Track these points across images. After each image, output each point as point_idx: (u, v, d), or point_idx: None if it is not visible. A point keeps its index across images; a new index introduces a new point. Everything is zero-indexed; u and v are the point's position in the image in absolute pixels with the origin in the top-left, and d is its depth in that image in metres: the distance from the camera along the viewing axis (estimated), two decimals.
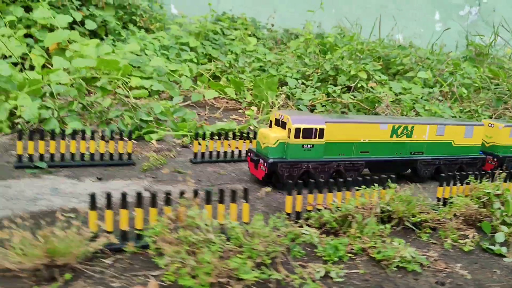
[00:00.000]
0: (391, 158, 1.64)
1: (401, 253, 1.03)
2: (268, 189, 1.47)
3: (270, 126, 1.55)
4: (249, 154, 1.57)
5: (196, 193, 0.99)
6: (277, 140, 1.45)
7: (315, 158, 1.48)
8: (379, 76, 3.02)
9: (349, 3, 5.22)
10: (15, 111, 1.84)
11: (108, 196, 0.96)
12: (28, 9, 3.13)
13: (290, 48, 3.90)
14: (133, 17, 4.16)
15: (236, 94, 3.05)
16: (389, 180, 1.27)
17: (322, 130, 1.47)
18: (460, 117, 2.67)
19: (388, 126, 1.60)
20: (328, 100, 2.79)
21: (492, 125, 1.91)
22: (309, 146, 1.46)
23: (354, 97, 2.80)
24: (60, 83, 2.08)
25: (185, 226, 0.95)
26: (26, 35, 3.03)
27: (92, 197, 0.96)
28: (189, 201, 0.98)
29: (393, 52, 3.31)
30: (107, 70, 2.10)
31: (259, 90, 2.89)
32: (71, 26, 3.20)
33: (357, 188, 1.23)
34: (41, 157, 1.48)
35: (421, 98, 2.77)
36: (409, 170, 1.73)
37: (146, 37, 3.72)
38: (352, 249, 1.07)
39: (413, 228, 1.23)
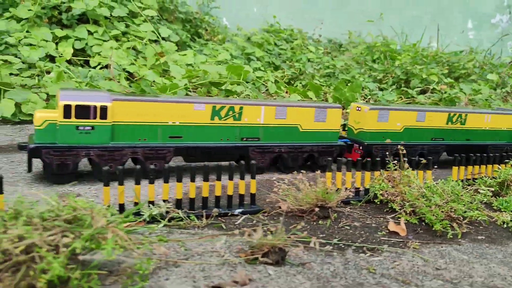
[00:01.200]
0: (212, 144, 1.38)
1: None
2: None
3: None
4: None
5: (407, 161, 1.28)
6: (44, 121, 1.19)
7: (98, 144, 1.23)
8: (446, 79, 3.31)
9: (386, 14, 5.49)
10: None
11: (339, 162, 1.26)
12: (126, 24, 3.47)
13: (339, 57, 4.21)
14: (199, 30, 4.50)
15: (316, 97, 3.35)
16: None
17: (104, 109, 1.21)
18: None
19: (206, 107, 1.35)
20: (406, 101, 3.08)
21: (359, 109, 1.65)
22: (87, 128, 1.20)
23: (428, 98, 3.09)
24: (187, 87, 2.40)
25: (401, 183, 1.24)
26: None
27: (334, 161, 1.25)
28: (396, 166, 1.28)
29: (455, 58, 3.60)
30: (232, 75, 2.42)
31: (340, 93, 3.19)
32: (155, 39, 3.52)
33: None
34: None
35: (491, 97, 3.05)
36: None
37: (216, 48, 4.05)
38: None
39: None
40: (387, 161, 1.28)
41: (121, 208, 1.01)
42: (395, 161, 1.27)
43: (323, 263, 0.89)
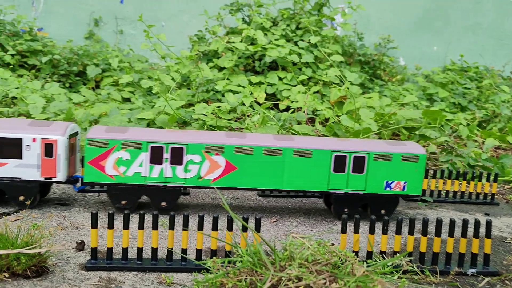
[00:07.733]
0: None
1: None
2: None
3: None
4: None
5: None
6: None
7: None
8: None
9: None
10: None
11: None
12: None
13: None
14: (377, 71, 4.49)
15: None
16: None
17: None
18: None
19: None
20: None
21: None
22: None
23: None
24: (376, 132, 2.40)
25: None
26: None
27: None
28: None
29: None
30: (429, 120, 2.35)
31: None
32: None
33: None
34: (425, 192, 1.73)
35: None
36: None
37: (396, 89, 3.97)
38: None
39: None
40: None
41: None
42: None
43: None
